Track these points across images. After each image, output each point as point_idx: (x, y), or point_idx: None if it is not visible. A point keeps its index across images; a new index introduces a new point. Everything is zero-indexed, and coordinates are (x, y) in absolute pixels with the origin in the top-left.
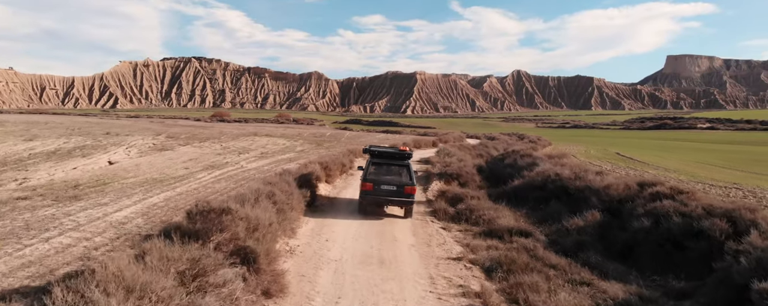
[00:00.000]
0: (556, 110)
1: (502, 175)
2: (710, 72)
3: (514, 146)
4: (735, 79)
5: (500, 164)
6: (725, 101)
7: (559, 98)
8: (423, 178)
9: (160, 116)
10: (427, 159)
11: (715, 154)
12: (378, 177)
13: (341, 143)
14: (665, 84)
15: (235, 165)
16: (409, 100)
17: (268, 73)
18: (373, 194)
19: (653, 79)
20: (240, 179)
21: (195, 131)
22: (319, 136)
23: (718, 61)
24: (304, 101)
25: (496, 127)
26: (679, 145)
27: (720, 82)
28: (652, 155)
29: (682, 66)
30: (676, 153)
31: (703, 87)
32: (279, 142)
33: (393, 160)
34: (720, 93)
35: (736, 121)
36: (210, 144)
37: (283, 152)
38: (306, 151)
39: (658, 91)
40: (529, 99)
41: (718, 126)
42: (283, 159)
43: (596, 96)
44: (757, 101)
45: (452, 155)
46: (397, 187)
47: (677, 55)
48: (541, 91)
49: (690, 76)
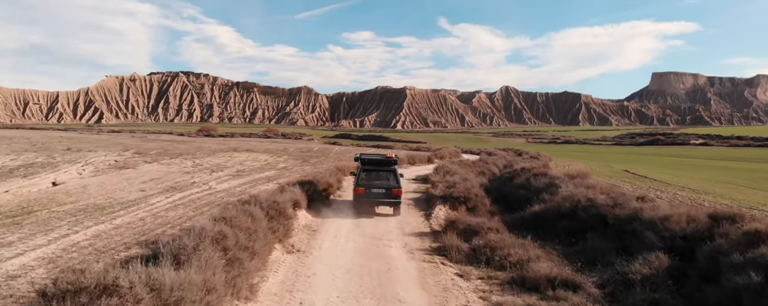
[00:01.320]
0: (545, 126)
1: (515, 197)
2: (695, 89)
3: (521, 163)
4: (719, 96)
5: (509, 184)
6: (711, 118)
7: (548, 114)
8: (423, 200)
9: (143, 131)
10: (424, 177)
11: (729, 172)
12: (369, 182)
13: (329, 159)
14: (651, 101)
15: (202, 186)
16: (398, 114)
17: (257, 87)
18: (365, 197)
19: (639, 95)
20: (202, 205)
21: (171, 146)
22: (305, 151)
23: (702, 78)
24: (293, 116)
25: (487, 142)
26: (684, 162)
27: (704, 99)
28: (664, 173)
29: (667, 83)
30: (687, 170)
31: (688, 104)
32: (260, 158)
33: (381, 166)
34: (705, 110)
35: (727, 137)
36: (181, 161)
37: (263, 169)
38: (289, 168)
39: (645, 107)
40: (517, 114)
41: (711, 142)
42: (260, 178)
43: (584, 112)
44: (741, 118)
45: (454, 173)
46: (385, 190)
47: (662, 72)
48: (530, 107)
49: (675, 93)
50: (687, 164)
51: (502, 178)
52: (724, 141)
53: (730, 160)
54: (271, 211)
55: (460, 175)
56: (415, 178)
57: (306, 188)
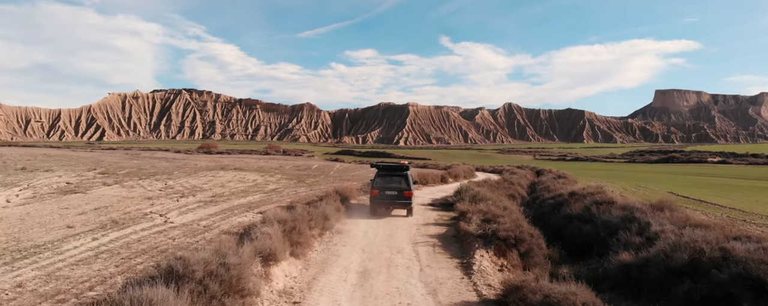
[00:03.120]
0: (549, 143)
1: (573, 233)
2: (698, 106)
3: (561, 186)
4: (723, 113)
5: (557, 214)
6: (716, 135)
7: (551, 131)
8: (452, 239)
9: (140, 148)
10: (443, 201)
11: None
12: (383, 185)
13: (329, 178)
14: (655, 118)
15: (157, 218)
16: (401, 131)
17: (259, 104)
18: (379, 199)
19: (643, 112)
20: (137, 253)
21: (151, 164)
22: (303, 169)
23: (705, 96)
24: (295, 132)
25: (494, 159)
26: (720, 182)
27: (708, 117)
28: (716, 196)
29: (670, 100)
30: (735, 192)
31: (692, 121)
32: (248, 177)
33: (394, 172)
34: (710, 127)
35: (742, 155)
36: (151, 182)
37: (247, 193)
38: (280, 191)
39: (649, 124)
40: (520, 131)
41: (729, 160)
42: (240, 205)
43: (588, 129)
44: (747, 135)
45: (484, 198)
46: (398, 193)
47: (665, 89)
48: (533, 124)
49: (679, 110)
50: (726, 185)
51: (544, 204)
52: (741, 159)
53: (752, 180)
54: (210, 282)
55: (493, 202)
56: (431, 202)
57: (288, 227)
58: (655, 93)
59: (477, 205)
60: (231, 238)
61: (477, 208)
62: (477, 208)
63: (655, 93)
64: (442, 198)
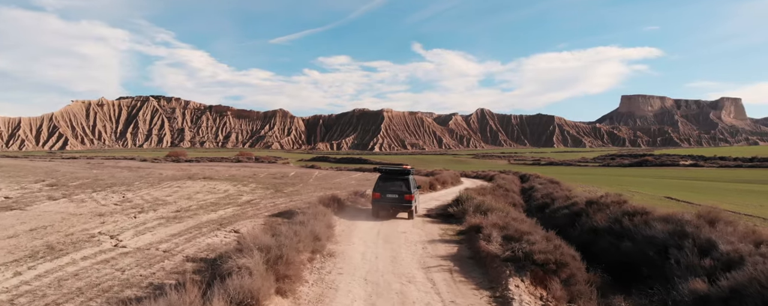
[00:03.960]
0: (521, 147)
1: (606, 251)
2: (662, 111)
3: (574, 195)
4: (686, 118)
5: (577, 227)
6: (679, 139)
7: (522, 136)
8: (469, 261)
9: (104, 157)
10: (441, 211)
11: None
12: (385, 188)
13: (308, 187)
14: (621, 122)
15: (106, 242)
16: (376, 137)
17: (230, 111)
18: (381, 201)
19: (610, 117)
20: (65, 297)
21: (110, 173)
22: (279, 177)
23: (669, 101)
24: (268, 139)
25: (469, 164)
26: (708, 186)
27: (672, 121)
28: (714, 200)
29: (636, 105)
30: (729, 196)
31: (657, 125)
32: (219, 188)
33: (397, 176)
34: (674, 131)
35: (709, 158)
36: (106, 195)
37: (218, 206)
38: (255, 203)
39: (616, 129)
40: (493, 136)
41: (701, 163)
42: (210, 221)
43: (557, 134)
44: (709, 139)
45: (492, 209)
46: (399, 195)
47: (631, 95)
48: (505, 129)
49: (644, 115)
50: (715, 188)
51: (557, 215)
52: (712, 162)
53: (750, 182)
54: None
55: (505, 213)
56: (427, 213)
57: (272, 257)
58: (622, 98)
59: (488, 217)
60: (198, 268)
61: (490, 220)
62: (490, 220)
63: (621, 98)
64: (438, 207)
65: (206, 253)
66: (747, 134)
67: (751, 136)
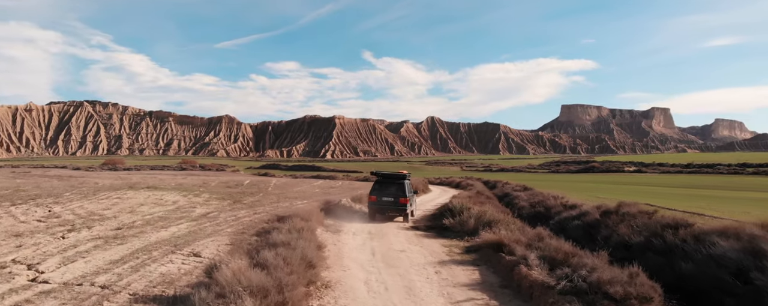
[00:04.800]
0: (469, 154)
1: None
2: (599, 120)
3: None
4: (621, 126)
5: (600, 241)
6: (615, 147)
7: (470, 143)
8: (505, 292)
9: (32, 165)
10: (430, 222)
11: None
12: (380, 191)
13: (270, 196)
14: (561, 131)
15: (18, 276)
16: (328, 144)
17: (172, 117)
18: (376, 205)
19: (551, 126)
20: None
21: (35, 183)
22: (234, 185)
23: (605, 110)
24: (213, 146)
25: (424, 171)
26: (665, 192)
27: (608, 129)
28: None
29: (575, 114)
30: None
31: (594, 133)
32: (167, 198)
33: (392, 180)
34: (610, 139)
35: (648, 164)
36: (28, 209)
37: (169, 221)
38: (213, 216)
39: (557, 137)
40: (443, 144)
41: (644, 169)
42: (161, 241)
43: (503, 141)
44: (641, 146)
45: (504, 223)
46: (394, 199)
47: (570, 104)
48: (454, 137)
49: (582, 123)
50: (682, 194)
51: (567, 226)
52: (653, 168)
53: (707, 188)
54: None
55: (516, 226)
56: (415, 225)
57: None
58: (561, 108)
59: (493, 231)
60: None
61: (512, 236)
62: (512, 236)
63: (561, 108)
64: (424, 218)
65: (161, 287)
66: (675, 142)
67: (679, 144)
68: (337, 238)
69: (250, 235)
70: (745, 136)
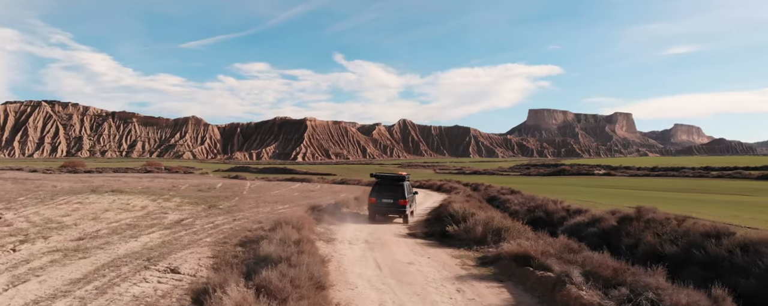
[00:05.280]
0: (440, 157)
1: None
2: (565, 124)
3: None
4: (585, 130)
5: (624, 251)
6: (581, 150)
7: (442, 146)
8: None
9: None
10: (428, 229)
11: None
12: (380, 193)
13: (246, 200)
14: (529, 134)
15: None
16: (299, 146)
17: (136, 117)
18: (376, 206)
19: (519, 130)
20: None
21: None
22: (206, 189)
23: (570, 115)
24: (179, 148)
25: None
26: (650, 195)
27: (573, 134)
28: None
29: (541, 119)
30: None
31: (560, 137)
32: (135, 203)
33: (391, 182)
34: (575, 143)
35: (615, 167)
36: None
37: (138, 229)
38: (188, 224)
39: (525, 140)
40: (415, 146)
41: (613, 172)
42: (130, 254)
43: (473, 144)
44: (605, 150)
45: (516, 231)
46: (393, 200)
47: (537, 109)
48: (426, 140)
49: (549, 127)
50: (659, 198)
51: (581, 234)
52: (621, 171)
53: (677, 191)
54: None
55: (520, 232)
56: (411, 232)
57: None
58: (529, 112)
59: (526, 241)
60: None
61: (539, 247)
62: (539, 247)
63: (528, 112)
64: (418, 223)
65: None
66: (637, 146)
67: (641, 147)
68: (333, 248)
69: (234, 246)
70: (702, 140)
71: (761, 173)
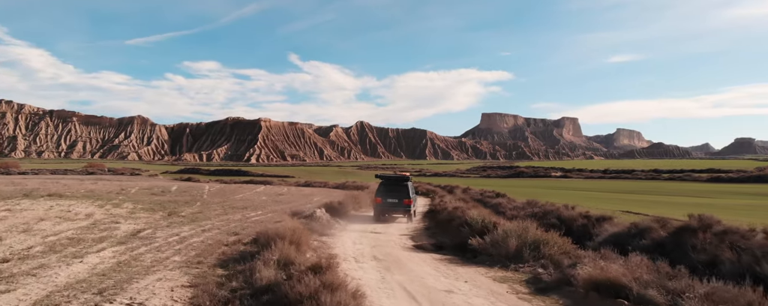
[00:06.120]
0: (398, 159)
1: None
2: (515, 128)
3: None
4: (535, 134)
5: (700, 269)
6: (531, 153)
7: (399, 148)
8: None
9: None
10: (432, 239)
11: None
12: (386, 193)
13: (211, 206)
14: (482, 137)
15: None
16: (253, 147)
17: (76, 116)
18: (382, 205)
19: (472, 133)
20: None
21: None
22: (159, 192)
23: (520, 119)
24: (123, 149)
25: (358, 175)
26: (621, 197)
27: (523, 137)
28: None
29: (494, 122)
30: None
31: (511, 140)
32: (79, 210)
33: (396, 182)
34: (526, 146)
35: (569, 169)
36: None
37: (83, 244)
38: (146, 236)
39: (478, 143)
40: (372, 148)
41: (569, 175)
42: (74, 283)
43: (430, 147)
44: (554, 153)
45: (554, 244)
46: (398, 200)
47: (489, 112)
48: (383, 142)
49: (500, 131)
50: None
51: (634, 248)
52: (576, 173)
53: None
54: None
55: (567, 246)
56: (416, 244)
57: None
58: (482, 115)
59: (613, 265)
60: None
61: (626, 272)
62: (626, 272)
63: (481, 115)
64: (417, 233)
65: None
66: (583, 149)
67: (586, 151)
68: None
69: (212, 267)
70: (642, 144)
71: (710, 176)
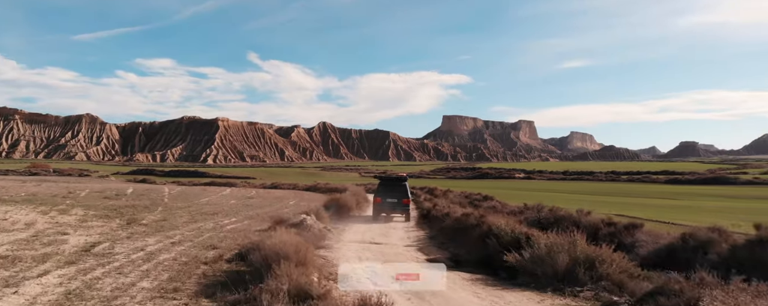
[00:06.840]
0: (361, 160)
1: None
2: (475, 130)
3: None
4: (493, 136)
5: None
6: (490, 155)
7: (362, 149)
8: None
9: None
10: (444, 253)
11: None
12: (384, 194)
13: (176, 212)
14: (443, 139)
15: None
16: (210, 147)
17: (19, 114)
18: (381, 205)
19: (434, 134)
20: None
21: None
22: (113, 196)
23: (479, 121)
24: (70, 149)
25: (323, 176)
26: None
27: (482, 139)
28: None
29: (454, 124)
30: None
31: (471, 142)
32: (17, 217)
33: (395, 182)
34: (485, 148)
35: (530, 171)
36: None
37: (21, 265)
38: (103, 252)
39: (440, 145)
40: (335, 149)
41: (532, 176)
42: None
43: (392, 148)
44: (511, 155)
45: (609, 261)
46: (397, 200)
47: (450, 115)
48: (346, 143)
49: (461, 133)
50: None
51: (700, 263)
52: (538, 175)
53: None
54: None
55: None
56: (432, 257)
57: None
58: (443, 118)
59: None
60: None
61: None
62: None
63: (442, 118)
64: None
65: None
66: (539, 152)
67: (542, 153)
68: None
69: (193, 296)
70: (594, 147)
71: (667, 177)
